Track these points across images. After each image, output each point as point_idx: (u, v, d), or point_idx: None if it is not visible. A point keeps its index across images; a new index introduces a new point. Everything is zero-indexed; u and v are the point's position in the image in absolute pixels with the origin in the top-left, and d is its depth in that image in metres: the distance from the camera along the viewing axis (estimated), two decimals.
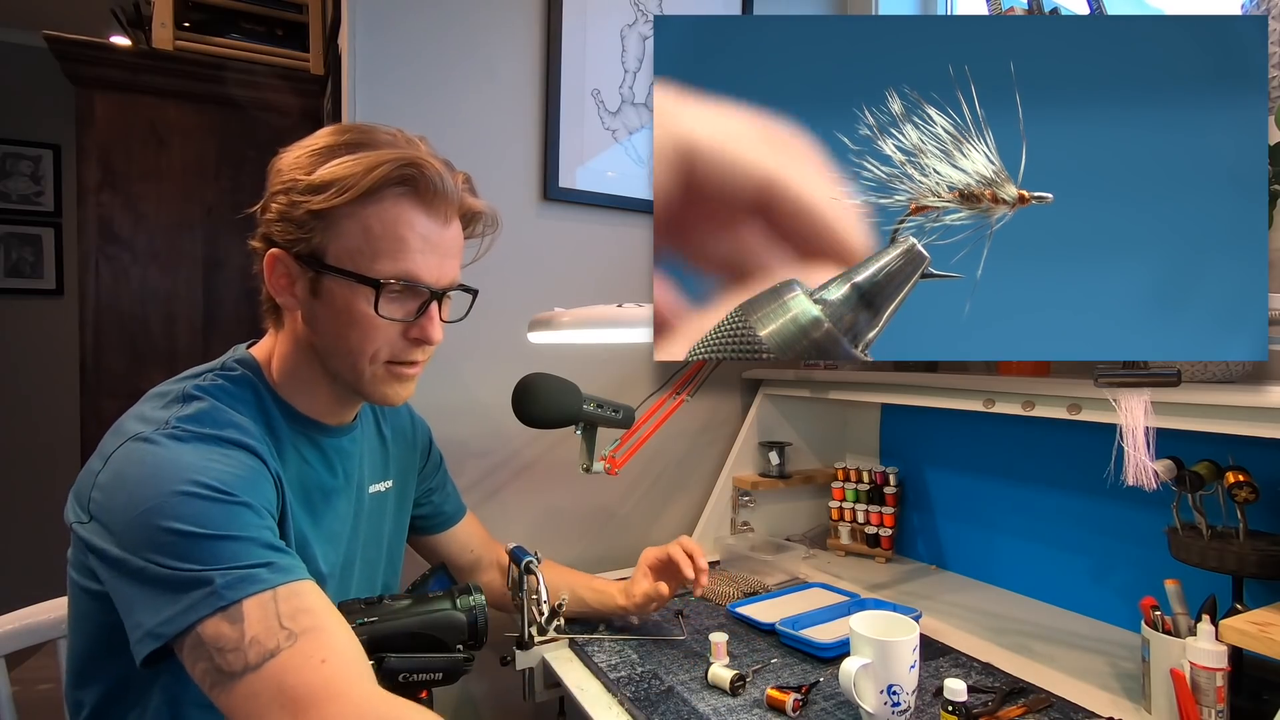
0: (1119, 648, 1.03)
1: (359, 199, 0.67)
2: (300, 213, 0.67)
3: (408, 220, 0.69)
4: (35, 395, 2.92)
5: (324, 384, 0.76)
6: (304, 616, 0.57)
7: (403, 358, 0.74)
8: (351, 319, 0.70)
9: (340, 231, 0.68)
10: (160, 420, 0.64)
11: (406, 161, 0.68)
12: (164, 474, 0.59)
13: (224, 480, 0.60)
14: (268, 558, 0.59)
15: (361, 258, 0.68)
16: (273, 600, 0.56)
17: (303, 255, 0.69)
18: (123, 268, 1.65)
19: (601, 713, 0.86)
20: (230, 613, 0.55)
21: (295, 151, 0.71)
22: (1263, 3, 0.87)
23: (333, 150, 0.69)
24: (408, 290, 0.71)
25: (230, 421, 0.67)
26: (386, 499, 0.90)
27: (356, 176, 0.67)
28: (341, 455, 0.80)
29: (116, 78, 1.65)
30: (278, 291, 0.72)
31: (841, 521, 1.50)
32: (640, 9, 1.46)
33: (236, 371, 0.73)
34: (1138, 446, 0.76)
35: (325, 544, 0.77)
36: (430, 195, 0.70)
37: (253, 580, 0.56)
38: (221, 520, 0.58)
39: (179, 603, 0.55)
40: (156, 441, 0.62)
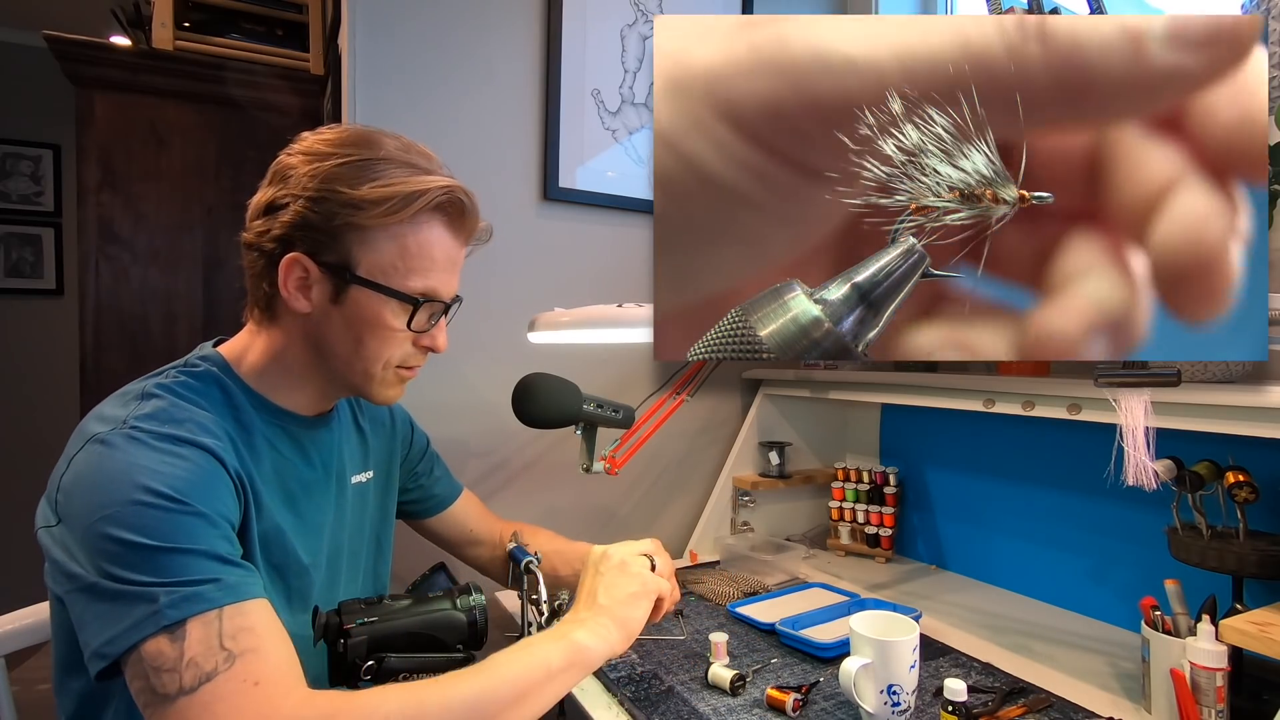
0: (1119, 648, 1.03)
1: (403, 221, 0.70)
2: (338, 224, 0.68)
3: (441, 242, 0.74)
4: (35, 395, 2.92)
5: (314, 381, 0.77)
6: (245, 636, 0.56)
7: (410, 363, 0.78)
8: (375, 328, 0.72)
9: (376, 247, 0.70)
10: (118, 420, 0.63)
11: (449, 189, 0.72)
12: (118, 480, 0.59)
13: (177, 487, 0.59)
14: (216, 573, 0.58)
15: (395, 274, 0.71)
16: (218, 619, 0.56)
17: (329, 263, 0.70)
18: (123, 268, 1.65)
19: (601, 713, 0.86)
20: (174, 631, 0.54)
21: (325, 159, 0.70)
22: (1263, 2, 0.87)
23: (371, 165, 0.70)
24: (430, 305, 0.75)
25: (188, 419, 0.66)
26: (368, 490, 0.91)
27: (406, 199, 0.69)
28: (318, 446, 0.81)
29: (116, 78, 1.65)
30: (289, 293, 0.71)
31: (841, 521, 1.50)
32: (640, 9, 1.46)
33: (200, 367, 0.73)
34: (1138, 446, 0.76)
35: (306, 535, 0.77)
36: (460, 220, 0.75)
37: (198, 599, 0.56)
38: (172, 531, 0.57)
39: (123, 621, 0.55)
40: (112, 444, 0.61)
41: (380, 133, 0.74)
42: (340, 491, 0.84)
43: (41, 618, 0.89)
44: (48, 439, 2.94)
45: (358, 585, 0.87)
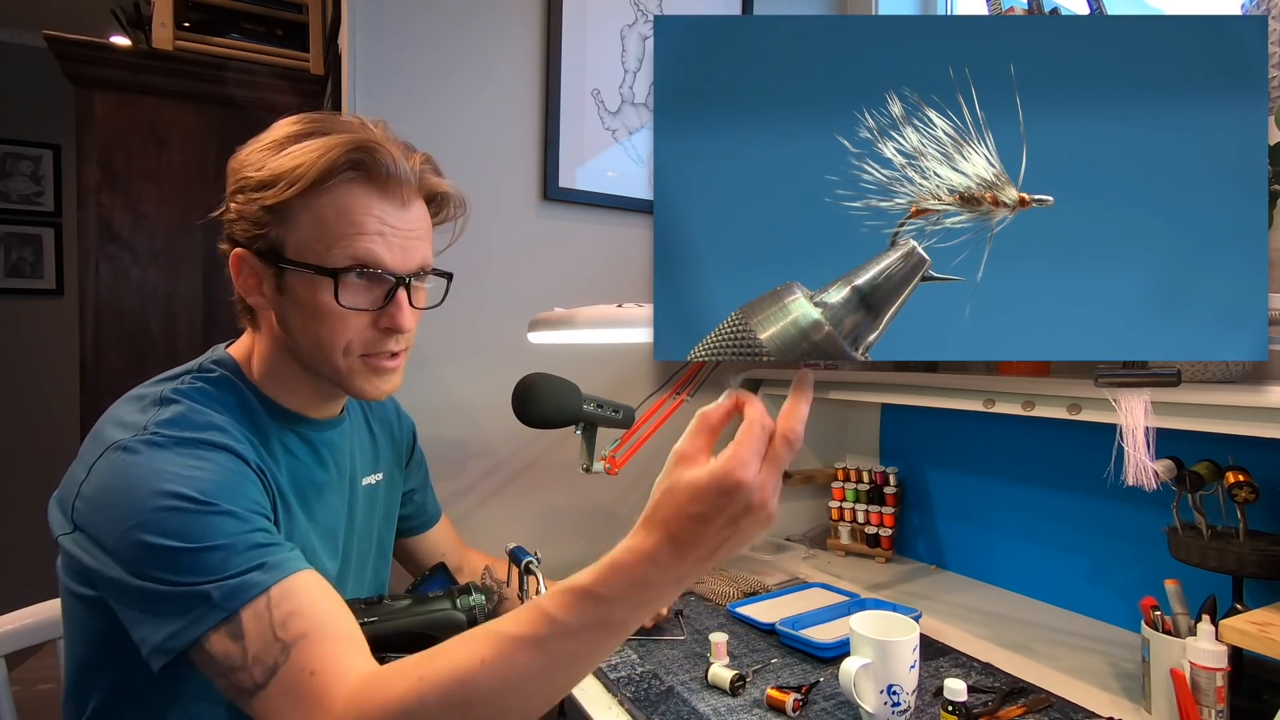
0: (1119, 648, 1.03)
1: (310, 189, 0.66)
2: (255, 209, 0.67)
3: (362, 205, 0.67)
4: (35, 395, 2.92)
5: (307, 380, 0.75)
6: (294, 622, 0.57)
7: (377, 349, 0.72)
8: (317, 313, 0.68)
9: (296, 224, 0.67)
10: (138, 425, 0.63)
11: (354, 145, 0.66)
12: (146, 486, 0.59)
13: (205, 490, 0.60)
14: (258, 559, 0.59)
15: (318, 247, 0.67)
16: (267, 607, 0.57)
17: (263, 252, 0.68)
18: (123, 268, 1.65)
19: (601, 713, 0.86)
20: (232, 627, 0.56)
21: (249, 147, 0.70)
22: (1263, 3, 0.87)
23: (282, 143, 0.68)
24: (370, 278, 0.69)
25: (209, 423, 0.66)
26: (377, 491, 0.90)
27: (305, 167, 0.65)
28: (331, 448, 0.80)
29: (116, 78, 1.64)
30: (247, 292, 0.71)
31: (841, 521, 1.50)
32: (640, 9, 1.46)
33: (215, 372, 0.73)
34: (1138, 446, 0.76)
35: (320, 539, 0.77)
36: (384, 178, 0.68)
37: (247, 586, 0.57)
38: (205, 531, 0.58)
39: (182, 618, 0.56)
40: (136, 450, 0.61)
41: (332, 115, 0.71)
42: (352, 493, 0.83)
43: (41, 618, 0.89)
44: (48, 439, 2.95)
45: (364, 588, 0.87)
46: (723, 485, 0.45)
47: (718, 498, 0.45)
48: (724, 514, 0.46)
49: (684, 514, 0.46)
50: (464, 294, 1.32)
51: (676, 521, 0.47)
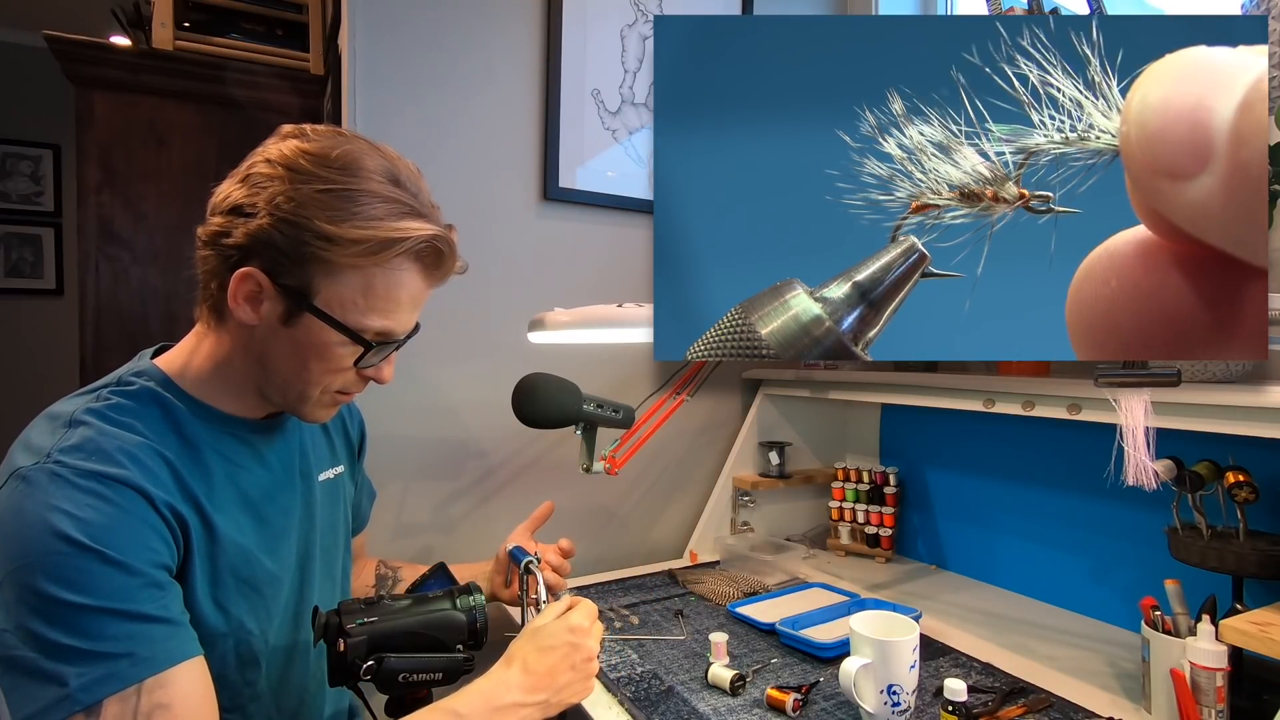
0: (1119, 648, 1.03)
1: (377, 262, 0.67)
2: (306, 252, 0.65)
3: (407, 285, 0.70)
4: (35, 395, 2.91)
5: (253, 390, 0.74)
6: (160, 715, 0.57)
7: (351, 390, 0.75)
8: (320, 356, 0.69)
9: (341, 281, 0.67)
10: (43, 452, 0.61)
11: (431, 239, 0.68)
12: (35, 525, 0.57)
13: (94, 534, 0.58)
14: (131, 642, 0.57)
15: (354, 310, 0.68)
16: (135, 695, 0.56)
17: (287, 286, 0.66)
18: (123, 268, 1.65)
19: (601, 713, 0.86)
20: (91, 712, 0.55)
21: (305, 180, 0.66)
22: (1263, 3, 0.87)
23: (353, 198, 0.66)
24: (383, 343, 0.72)
25: (118, 449, 0.63)
26: (339, 484, 0.89)
27: (384, 245, 0.66)
28: (274, 449, 0.78)
29: (116, 78, 1.64)
30: (237, 304, 0.67)
31: (841, 521, 1.50)
32: (640, 9, 1.46)
33: (135, 385, 0.69)
34: (1138, 446, 0.76)
35: (272, 542, 0.75)
36: (436, 267, 0.71)
37: (111, 679, 0.56)
38: (89, 584, 0.56)
39: (38, 701, 0.55)
40: (33, 481, 0.59)
41: (367, 153, 0.69)
42: (307, 490, 0.82)
43: None
44: None
45: (333, 585, 0.85)
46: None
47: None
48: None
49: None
50: (464, 294, 1.32)
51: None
